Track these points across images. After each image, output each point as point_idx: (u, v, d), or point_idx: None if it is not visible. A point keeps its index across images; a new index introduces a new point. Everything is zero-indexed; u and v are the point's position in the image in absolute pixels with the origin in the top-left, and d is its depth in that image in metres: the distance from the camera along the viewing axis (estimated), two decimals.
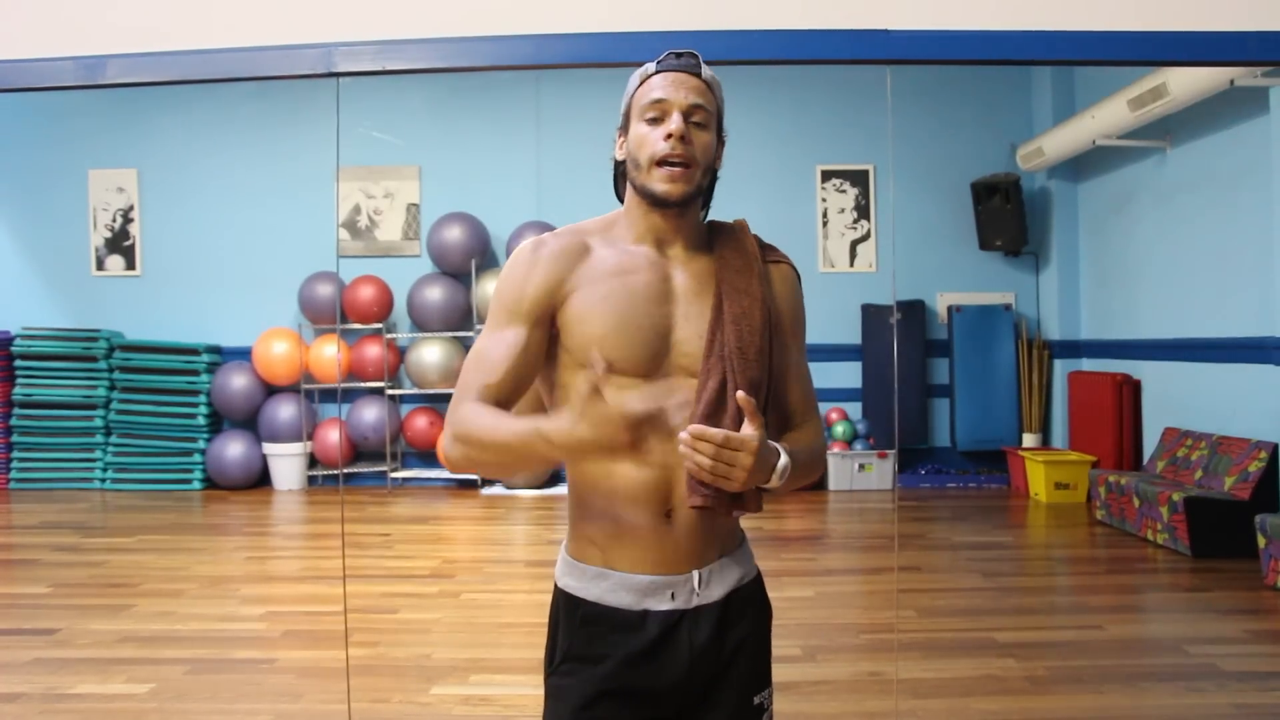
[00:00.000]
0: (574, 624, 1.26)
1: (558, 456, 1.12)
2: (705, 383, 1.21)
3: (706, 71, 1.26)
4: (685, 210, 1.26)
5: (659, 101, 1.22)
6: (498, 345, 1.22)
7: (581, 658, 1.24)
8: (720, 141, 1.29)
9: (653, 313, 1.22)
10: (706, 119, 1.23)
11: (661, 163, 1.21)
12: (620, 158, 1.28)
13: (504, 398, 1.22)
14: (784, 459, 1.17)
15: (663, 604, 1.24)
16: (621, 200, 1.31)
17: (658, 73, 1.25)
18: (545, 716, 1.28)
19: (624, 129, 1.27)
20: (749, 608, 1.31)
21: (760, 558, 1.39)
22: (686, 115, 1.21)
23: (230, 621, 3.71)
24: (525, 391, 1.26)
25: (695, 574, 1.25)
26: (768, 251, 1.34)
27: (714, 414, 1.20)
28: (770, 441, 1.17)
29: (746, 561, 1.33)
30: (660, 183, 1.21)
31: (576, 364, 1.22)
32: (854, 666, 3.15)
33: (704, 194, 1.29)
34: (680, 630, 1.24)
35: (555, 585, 1.30)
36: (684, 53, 1.26)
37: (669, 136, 1.20)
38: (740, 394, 1.13)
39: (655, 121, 1.22)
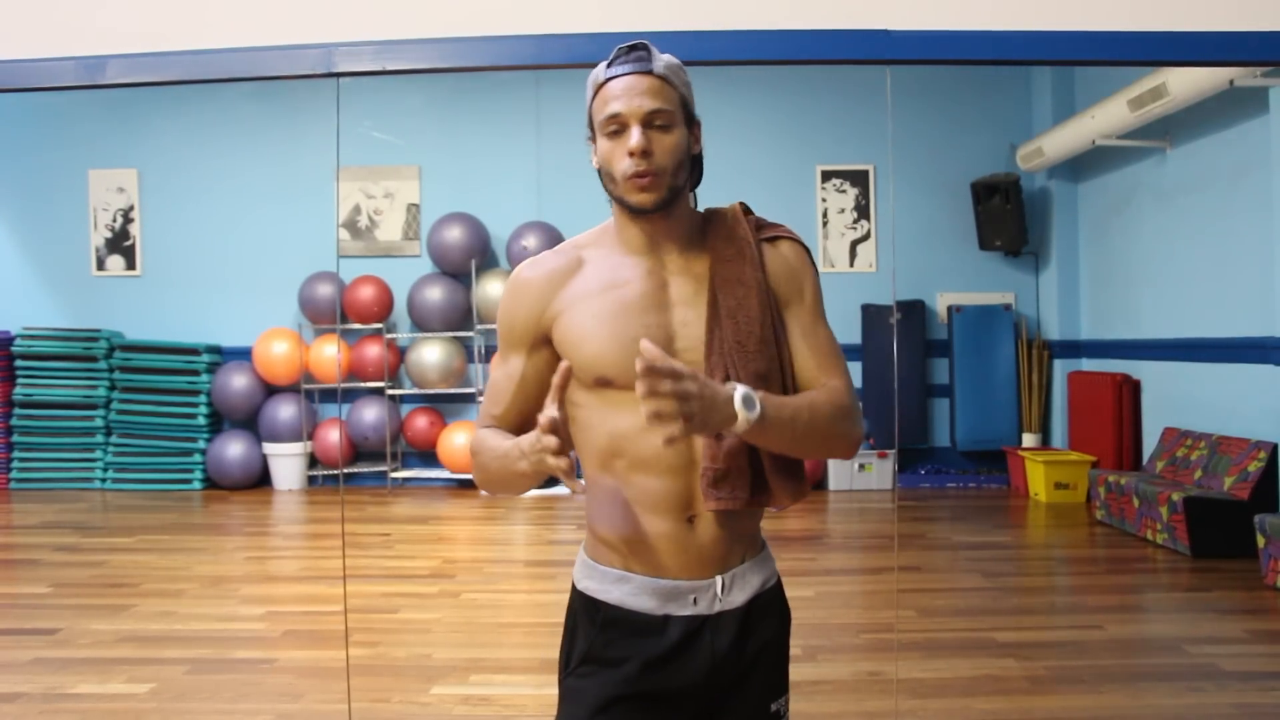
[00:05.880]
0: (594, 627, 1.24)
1: (529, 475, 1.14)
2: None
3: (659, 64, 1.19)
4: (670, 212, 1.23)
5: (615, 116, 1.18)
6: (502, 376, 1.29)
7: (600, 660, 1.23)
8: (694, 125, 1.24)
9: (649, 324, 1.20)
10: (668, 119, 1.19)
11: (630, 177, 1.19)
12: (597, 166, 1.26)
13: (511, 426, 1.26)
14: (741, 390, 1.07)
15: (685, 609, 1.22)
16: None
17: (607, 80, 1.20)
18: (559, 718, 1.26)
19: (592, 138, 1.24)
20: (770, 614, 1.29)
21: None
22: (646, 123, 1.18)
23: (230, 621, 3.71)
24: (533, 414, 1.22)
25: (718, 579, 1.23)
26: (765, 229, 1.30)
27: None
28: (731, 383, 1.09)
29: (769, 567, 1.31)
30: (632, 194, 1.19)
31: (579, 384, 1.22)
32: (854, 666, 3.15)
33: (687, 186, 1.25)
34: (702, 636, 1.22)
35: (574, 587, 1.29)
36: (634, 47, 1.20)
37: (631, 154, 1.17)
38: (642, 341, 1.01)
39: (616, 134, 1.19)
